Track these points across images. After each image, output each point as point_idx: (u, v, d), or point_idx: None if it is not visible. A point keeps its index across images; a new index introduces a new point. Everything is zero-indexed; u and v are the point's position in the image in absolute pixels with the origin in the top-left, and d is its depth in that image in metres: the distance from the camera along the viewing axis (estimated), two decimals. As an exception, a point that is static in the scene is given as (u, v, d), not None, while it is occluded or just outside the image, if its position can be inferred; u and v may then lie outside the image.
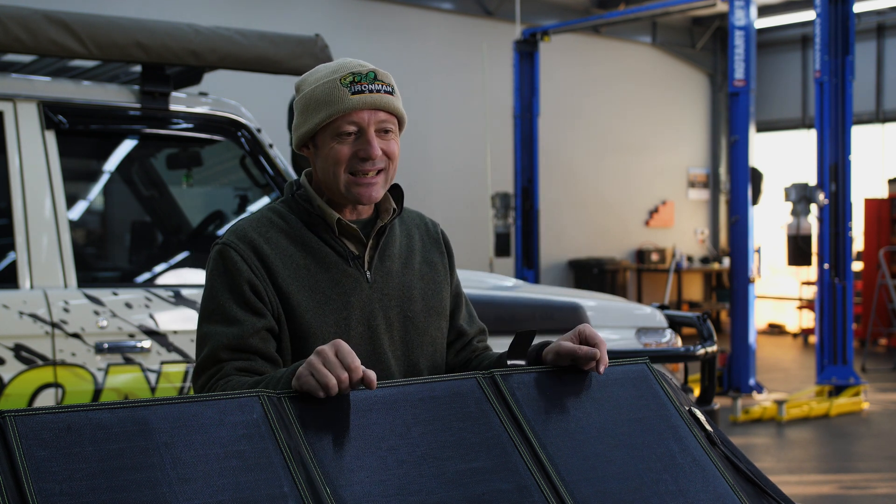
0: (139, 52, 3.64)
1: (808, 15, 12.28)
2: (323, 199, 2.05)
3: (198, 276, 4.21)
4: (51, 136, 3.56)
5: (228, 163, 4.40)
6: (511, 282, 4.93)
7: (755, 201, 9.02)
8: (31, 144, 3.52)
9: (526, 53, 11.11)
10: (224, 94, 4.05)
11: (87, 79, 4.07)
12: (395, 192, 2.13)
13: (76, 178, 4.56)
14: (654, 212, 14.74)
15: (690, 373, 5.33)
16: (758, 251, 10.28)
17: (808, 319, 13.46)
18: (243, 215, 2.15)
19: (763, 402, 8.52)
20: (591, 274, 13.39)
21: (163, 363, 3.53)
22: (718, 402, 4.66)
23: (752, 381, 8.94)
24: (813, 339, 12.80)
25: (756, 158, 9.33)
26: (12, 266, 3.45)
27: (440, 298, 2.13)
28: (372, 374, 1.70)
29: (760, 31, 14.17)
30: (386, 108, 2.00)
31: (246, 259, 1.97)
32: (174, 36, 3.69)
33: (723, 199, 15.28)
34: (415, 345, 2.07)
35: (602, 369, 1.91)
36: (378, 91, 1.98)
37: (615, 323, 4.36)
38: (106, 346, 3.45)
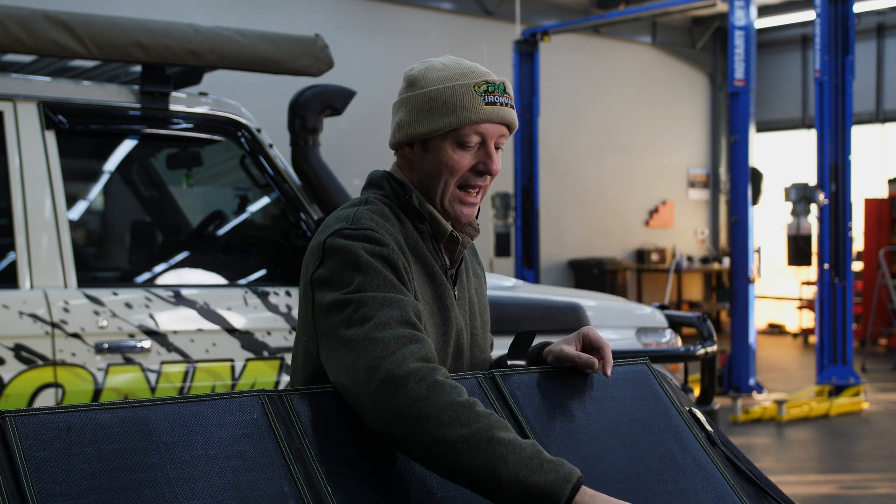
0: (139, 52, 3.63)
1: (808, 15, 12.28)
2: None
3: (198, 276, 4.21)
4: (51, 136, 3.56)
5: (228, 163, 4.40)
6: (511, 282, 4.93)
7: (755, 201, 9.02)
8: (31, 144, 3.52)
9: (526, 53, 11.11)
10: (224, 94, 4.05)
11: (87, 79, 4.07)
12: None
13: (76, 178, 4.56)
14: (654, 212, 14.74)
15: (690, 373, 5.33)
16: (758, 251, 10.29)
17: (808, 319, 13.46)
18: (352, 205, 1.90)
19: (763, 402, 8.52)
20: (591, 274, 13.40)
21: (163, 363, 3.53)
22: (718, 402, 4.66)
23: (752, 381, 8.94)
24: (813, 339, 12.80)
25: (756, 158, 9.33)
26: (12, 266, 3.45)
27: (488, 312, 2.09)
28: None
29: (760, 31, 14.17)
30: (511, 123, 1.89)
31: (397, 257, 1.78)
32: (174, 36, 3.69)
33: (723, 199, 15.29)
34: (478, 362, 2.01)
35: (609, 372, 1.88)
36: (507, 105, 1.87)
37: (615, 323, 4.37)
38: (106, 346, 3.44)
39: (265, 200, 4.34)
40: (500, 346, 2.18)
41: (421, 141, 1.88)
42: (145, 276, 4.35)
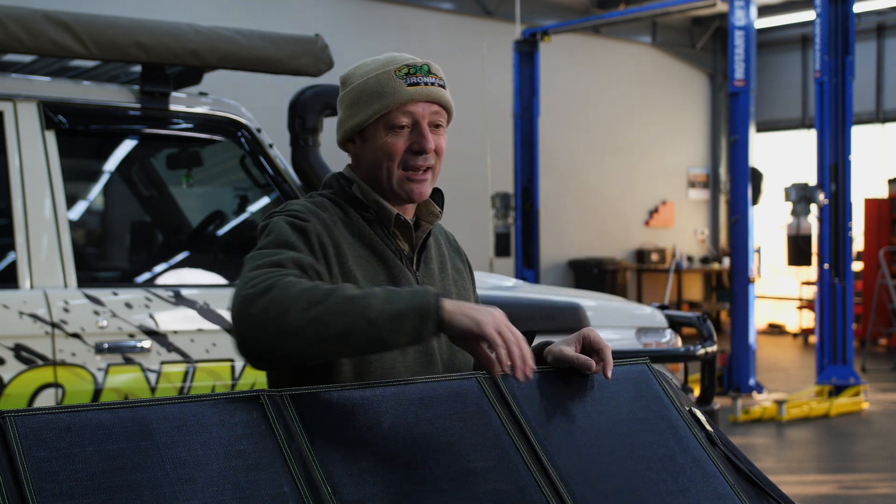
0: (139, 52, 3.63)
1: (808, 15, 12.27)
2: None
3: (198, 276, 4.21)
4: (51, 136, 3.56)
5: (228, 163, 4.40)
6: (511, 282, 4.93)
7: (755, 201, 9.02)
8: (31, 144, 3.52)
9: (526, 53, 11.11)
10: (224, 94, 4.05)
11: (87, 79, 4.07)
12: (437, 195, 2.09)
13: (76, 178, 4.56)
14: (654, 212, 14.74)
15: (690, 373, 5.33)
16: (758, 251, 10.29)
17: (808, 319, 13.46)
18: (291, 201, 2.01)
19: (763, 402, 8.52)
20: (591, 274, 13.40)
21: (163, 363, 3.53)
22: (718, 402, 4.66)
23: (752, 381, 8.94)
24: (813, 339, 12.80)
25: (756, 158, 9.33)
26: (12, 266, 3.45)
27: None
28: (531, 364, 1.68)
29: (760, 31, 14.16)
30: (440, 100, 1.96)
31: (315, 230, 1.88)
32: (174, 36, 3.69)
33: (723, 199, 15.29)
34: (456, 348, 2.01)
35: (609, 373, 1.89)
36: (433, 84, 1.95)
37: (615, 323, 4.37)
38: (106, 346, 3.44)
39: (265, 200, 4.34)
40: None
41: (359, 134, 1.98)
42: (145, 276, 4.35)
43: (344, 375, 1.88)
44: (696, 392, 4.60)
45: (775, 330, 14.44)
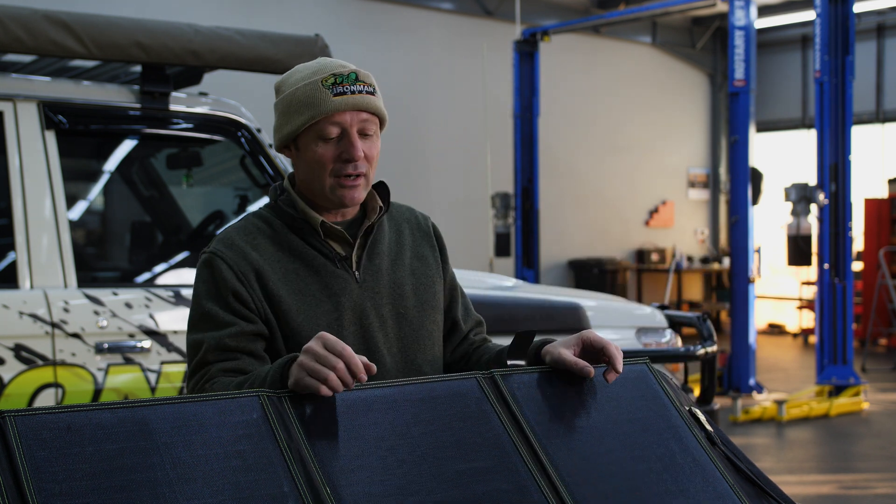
0: (139, 52, 3.64)
1: (808, 15, 12.28)
2: (306, 202, 2.04)
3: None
4: (51, 136, 3.56)
5: (228, 163, 4.40)
6: (511, 282, 4.93)
7: (755, 201, 9.02)
8: (31, 144, 3.52)
9: (526, 53, 11.11)
10: (224, 94, 4.05)
11: (87, 79, 4.07)
12: (382, 189, 2.12)
13: (76, 178, 4.56)
14: (654, 212, 14.74)
15: (690, 373, 5.33)
16: (758, 251, 10.29)
17: (808, 319, 13.46)
18: (231, 222, 2.11)
19: (763, 402, 8.52)
20: (591, 274, 13.39)
21: (163, 363, 3.53)
22: (718, 402, 4.66)
23: (752, 381, 8.94)
24: (813, 339, 12.80)
25: (756, 158, 9.33)
26: (12, 266, 3.45)
27: (433, 292, 2.13)
28: (366, 360, 1.70)
29: (760, 31, 14.17)
30: (368, 108, 1.99)
31: (233, 267, 1.97)
32: (174, 36, 3.69)
33: (723, 199, 15.29)
34: (410, 340, 2.06)
35: (620, 367, 1.90)
36: (360, 92, 1.98)
37: (615, 323, 4.36)
38: (106, 346, 3.44)
39: (265, 200, 4.33)
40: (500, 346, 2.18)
41: (292, 142, 2.02)
42: (145, 276, 4.35)
43: None
44: (696, 392, 4.60)
45: (775, 330, 14.44)
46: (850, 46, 8.40)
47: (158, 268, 4.39)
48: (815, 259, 8.84)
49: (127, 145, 4.39)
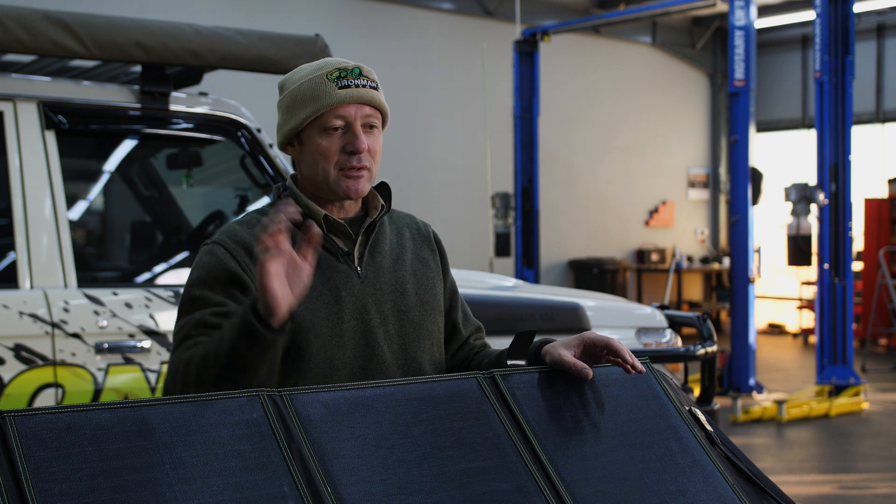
0: (139, 52, 3.63)
1: (808, 15, 12.28)
2: (310, 198, 2.06)
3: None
4: (51, 136, 3.56)
5: (228, 163, 4.40)
6: (511, 282, 4.93)
7: (755, 201, 9.02)
8: (31, 144, 3.52)
9: (526, 53, 11.11)
10: (224, 94, 4.05)
11: (87, 79, 4.07)
12: (384, 189, 2.14)
13: (76, 178, 4.56)
14: (654, 212, 14.74)
15: (690, 373, 5.33)
16: (758, 251, 10.28)
17: (808, 319, 13.46)
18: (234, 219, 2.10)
19: (763, 402, 8.52)
20: (591, 274, 13.40)
21: (163, 363, 3.53)
22: (718, 402, 4.66)
23: (752, 381, 8.94)
24: (813, 339, 12.80)
25: (756, 158, 9.33)
26: (12, 266, 3.45)
27: (433, 294, 2.13)
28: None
29: (760, 31, 14.17)
30: (372, 102, 2.01)
31: (235, 255, 1.97)
32: (174, 36, 3.69)
33: (723, 199, 15.29)
34: (411, 339, 2.06)
35: (639, 365, 1.93)
36: (364, 86, 2.00)
37: (615, 323, 4.36)
38: (106, 346, 3.45)
39: (265, 200, 4.34)
40: (500, 346, 2.18)
41: (296, 137, 2.04)
42: (145, 276, 4.35)
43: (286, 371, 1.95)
44: (696, 392, 4.60)
45: (775, 330, 14.44)
46: (850, 46, 8.40)
47: (158, 268, 4.39)
48: (815, 259, 8.84)
49: (127, 145, 4.38)
